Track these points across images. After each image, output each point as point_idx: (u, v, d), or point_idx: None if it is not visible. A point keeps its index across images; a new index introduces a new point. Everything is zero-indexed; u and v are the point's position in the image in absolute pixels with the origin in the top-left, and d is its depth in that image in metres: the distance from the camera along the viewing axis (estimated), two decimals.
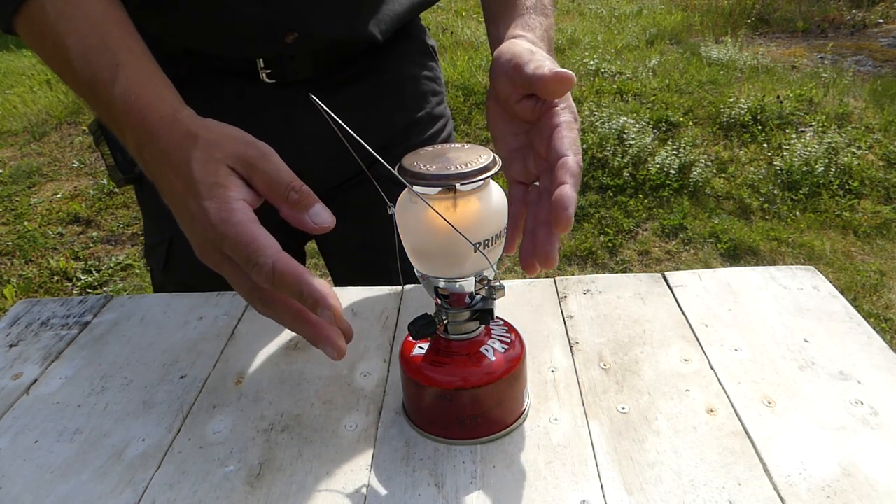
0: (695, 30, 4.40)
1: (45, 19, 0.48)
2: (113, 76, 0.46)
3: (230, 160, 0.44)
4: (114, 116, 0.47)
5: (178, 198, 0.44)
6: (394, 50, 0.73)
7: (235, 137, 0.45)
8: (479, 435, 0.49)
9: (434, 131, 0.78)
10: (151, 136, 0.45)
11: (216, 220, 0.42)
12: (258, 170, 0.44)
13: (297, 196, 0.44)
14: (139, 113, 0.45)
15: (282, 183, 0.44)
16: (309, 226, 0.44)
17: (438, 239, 0.43)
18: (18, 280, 2.35)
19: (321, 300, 0.41)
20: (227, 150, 0.44)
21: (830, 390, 0.52)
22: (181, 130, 0.45)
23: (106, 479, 0.48)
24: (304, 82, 0.67)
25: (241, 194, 0.43)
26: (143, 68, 0.48)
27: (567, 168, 0.44)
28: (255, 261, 0.41)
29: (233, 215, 0.42)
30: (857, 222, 2.46)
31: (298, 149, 0.70)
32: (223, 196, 0.42)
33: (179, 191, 0.44)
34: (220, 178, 0.43)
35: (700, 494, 0.44)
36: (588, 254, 2.35)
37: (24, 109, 3.61)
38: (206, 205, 0.42)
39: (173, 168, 0.44)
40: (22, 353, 0.62)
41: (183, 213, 0.44)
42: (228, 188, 0.43)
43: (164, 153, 0.44)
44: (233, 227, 0.41)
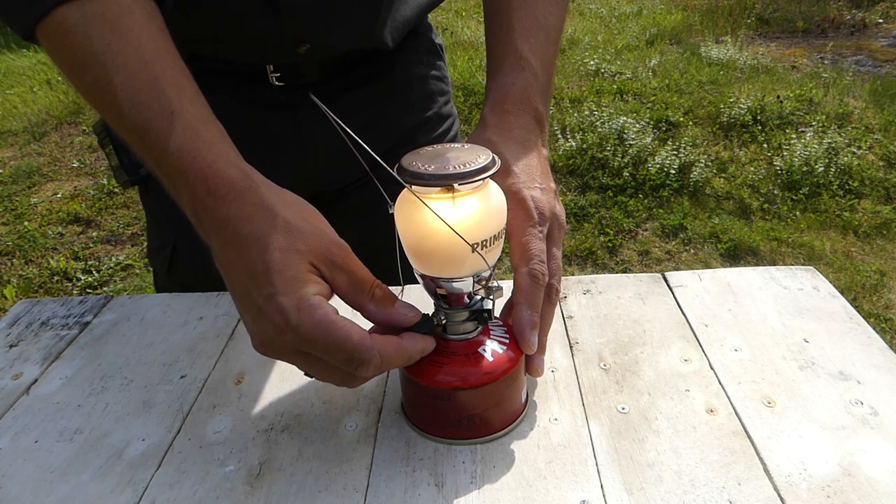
0: (695, 30, 4.40)
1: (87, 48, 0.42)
2: (168, 126, 0.41)
3: (314, 257, 0.40)
4: (166, 171, 0.42)
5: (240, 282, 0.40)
6: (402, 50, 0.72)
7: (320, 231, 0.42)
8: (477, 435, 0.49)
9: (442, 131, 0.78)
10: (215, 199, 0.40)
11: (297, 322, 0.38)
12: (342, 269, 0.41)
13: (381, 293, 0.43)
14: (201, 172, 0.41)
15: (367, 281, 0.42)
16: (398, 320, 0.44)
17: (437, 239, 0.43)
18: (18, 280, 2.35)
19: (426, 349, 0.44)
20: (312, 245, 0.41)
21: (830, 390, 0.52)
22: (255, 200, 0.41)
23: (106, 479, 0.48)
24: (313, 85, 0.67)
25: (319, 289, 0.40)
26: (200, 116, 0.43)
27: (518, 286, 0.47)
28: (360, 358, 0.39)
29: (314, 314, 0.38)
30: (857, 222, 2.46)
31: (306, 151, 0.70)
32: (301, 293, 0.39)
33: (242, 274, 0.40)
34: (300, 272, 0.39)
35: (700, 494, 0.44)
36: (588, 254, 2.35)
37: (24, 109, 3.61)
38: (282, 301, 0.38)
39: (240, 245, 0.40)
40: (22, 353, 0.62)
41: (245, 301, 0.40)
42: (307, 283, 0.39)
43: (230, 223, 0.40)
44: (319, 329, 0.38)
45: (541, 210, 0.49)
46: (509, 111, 0.54)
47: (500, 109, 0.54)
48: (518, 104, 0.54)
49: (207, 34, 0.62)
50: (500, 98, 0.55)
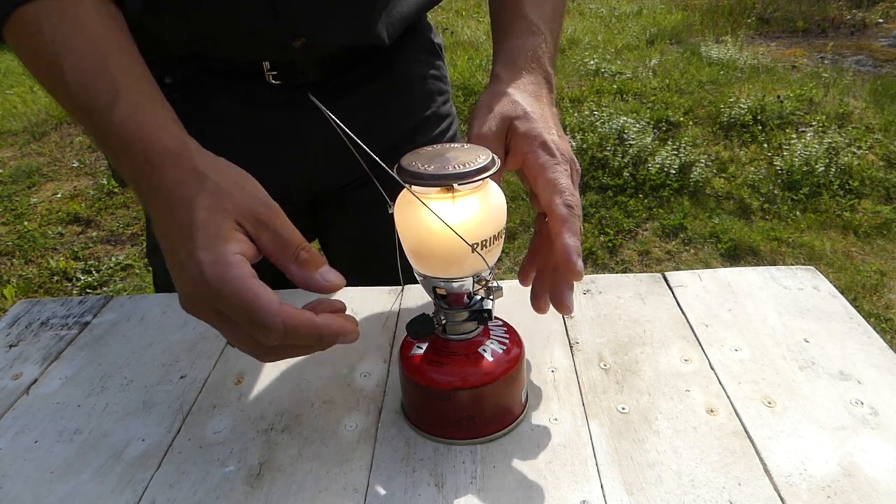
0: (695, 30, 4.40)
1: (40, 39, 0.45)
2: (112, 102, 0.43)
3: (239, 215, 0.41)
4: (111, 146, 0.44)
5: (169, 240, 0.41)
6: (401, 49, 0.72)
7: (248, 191, 0.43)
8: (476, 435, 0.49)
9: (441, 130, 0.78)
10: (152, 167, 0.42)
11: (210, 276, 0.38)
12: (268, 228, 0.42)
13: (307, 255, 0.42)
14: (139, 143, 0.42)
15: (292, 242, 0.42)
16: (319, 285, 0.42)
17: (436, 239, 0.43)
18: (18, 280, 2.35)
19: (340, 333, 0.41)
20: (237, 203, 0.41)
21: (830, 390, 0.52)
22: (187, 166, 0.42)
23: (106, 479, 0.48)
24: (310, 84, 0.67)
25: (240, 248, 0.40)
26: (144, 93, 0.45)
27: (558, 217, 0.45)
28: (263, 321, 0.38)
29: (229, 270, 0.39)
30: (857, 222, 2.46)
31: (304, 150, 0.70)
32: (220, 250, 0.39)
33: (171, 233, 0.41)
34: (222, 229, 0.40)
35: (700, 494, 0.44)
36: (588, 254, 2.35)
37: (24, 109, 3.61)
38: (201, 256, 0.39)
39: (170, 207, 0.41)
40: (22, 353, 0.62)
41: (172, 257, 0.41)
42: (228, 241, 0.40)
43: (163, 189, 0.41)
44: (229, 285, 0.38)
45: (562, 152, 0.49)
46: (521, 68, 0.54)
47: (512, 67, 0.54)
48: (529, 63, 0.55)
49: (204, 30, 0.62)
50: (511, 57, 0.55)
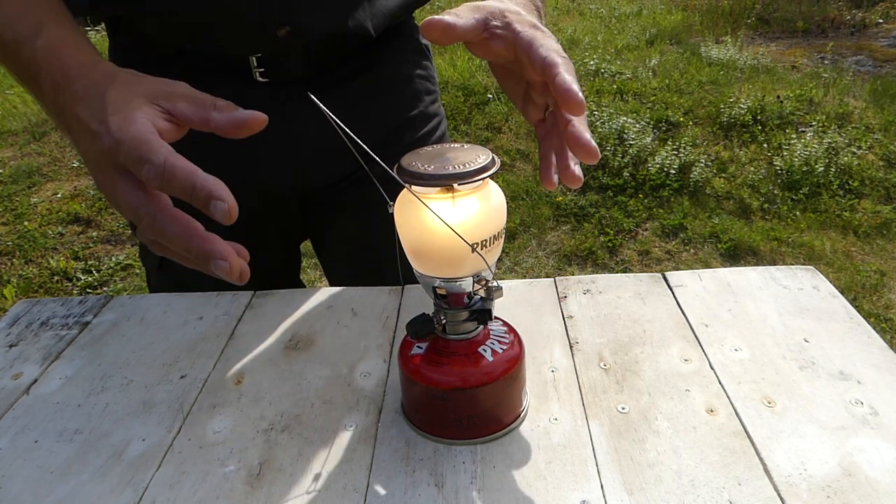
0: (695, 30, 4.40)
1: None
2: (36, 32, 0.47)
3: (149, 95, 0.43)
4: (33, 71, 0.47)
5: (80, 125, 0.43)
6: (388, 49, 0.73)
7: (155, 79, 0.45)
8: (477, 435, 0.49)
9: (428, 130, 0.78)
10: (69, 79, 0.45)
11: (115, 129, 0.41)
12: (180, 95, 0.43)
13: (224, 103, 0.43)
14: (58, 60, 0.45)
15: (206, 98, 0.44)
16: (243, 119, 0.43)
17: (436, 239, 0.43)
18: (18, 280, 2.35)
19: (213, 192, 0.39)
20: (146, 86, 0.44)
21: (830, 390, 0.52)
22: (100, 71, 0.45)
23: (106, 479, 0.48)
24: (297, 82, 0.67)
25: (149, 117, 0.42)
26: (67, 27, 0.49)
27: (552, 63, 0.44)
28: (147, 157, 0.39)
29: (132, 125, 0.41)
30: (857, 222, 2.46)
31: (294, 148, 0.70)
32: (128, 113, 0.41)
33: (84, 117, 0.43)
34: (132, 102, 0.42)
35: (700, 494, 0.44)
36: (588, 254, 2.35)
37: (24, 109, 3.61)
38: (109, 119, 0.41)
39: (84, 100, 0.43)
40: (22, 353, 0.62)
41: (83, 136, 0.43)
42: (136, 109, 0.42)
43: (78, 92, 0.44)
44: (129, 133, 0.40)
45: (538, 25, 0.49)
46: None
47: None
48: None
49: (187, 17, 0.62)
50: None
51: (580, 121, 0.44)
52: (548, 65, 0.44)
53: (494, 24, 0.48)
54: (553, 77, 0.43)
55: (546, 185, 0.48)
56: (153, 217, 0.41)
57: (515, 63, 0.49)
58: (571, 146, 0.43)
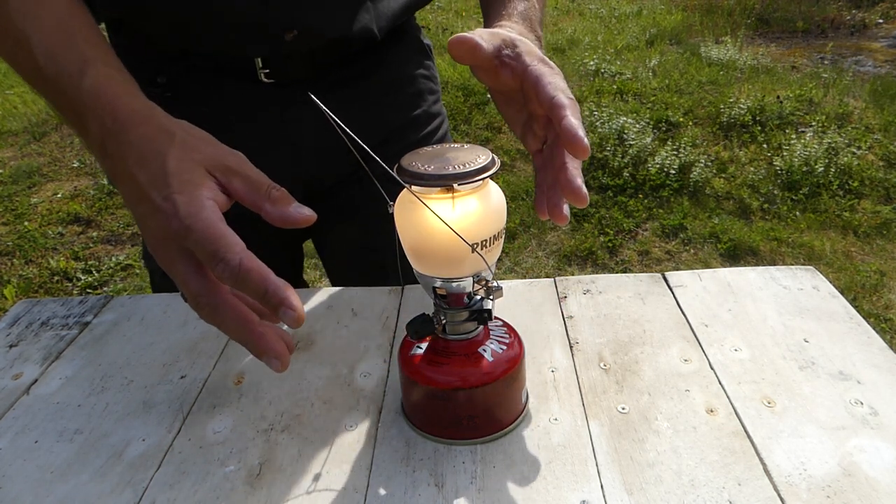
0: (695, 30, 4.40)
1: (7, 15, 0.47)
2: (81, 70, 0.45)
3: (208, 163, 0.43)
4: (79, 110, 0.46)
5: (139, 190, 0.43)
6: (390, 49, 0.73)
7: (214, 143, 0.45)
8: (477, 435, 0.49)
9: (430, 130, 0.78)
10: (121, 126, 0.44)
11: (184, 213, 0.40)
12: (238, 173, 0.43)
13: (279, 193, 0.43)
14: (109, 104, 0.44)
15: (263, 182, 0.44)
16: (294, 218, 0.43)
17: (436, 239, 0.43)
18: (18, 280, 2.35)
19: (285, 300, 0.40)
20: (205, 154, 0.43)
21: (830, 390, 0.52)
22: (156, 125, 0.44)
23: (106, 479, 0.48)
24: (302, 82, 0.68)
25: (213, 195, 0.42)
26: (113, 65, 0.48)
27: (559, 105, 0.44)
28: (223, 255, 0.40)
29: (202, 210, 0.41)
30: (857, 222, 2.46)
31: (296, 148, 0.70)
32: (194, 193, 0.41)
33: (143, 182, 0.42)
34: (195, 176, 0.42)
35: (700, 494, 0.44)
36: (588, 254, 2.35)
37: (24, 109, 3.61)
38: (176, 198, 0.41)
39: (141, 160, 0.43)
40: (22, 353, 0.62)
41: (143, 205, 0.43)
42: (201, 186, 0.42)
43: (133, 145, 0.43)
44: (201, 222, 0.40)
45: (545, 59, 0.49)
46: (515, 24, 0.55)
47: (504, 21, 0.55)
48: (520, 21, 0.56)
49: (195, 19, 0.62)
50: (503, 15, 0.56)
51: (575, 164, 0.45)
52: (556, 105, 0.44)
53: (506, 53, 0.48)
54: (560, 119, 0.43)
55: (540, 214, 0.48)
56: (214, 308, 0.42)
57: (518, 93, 0.50)
58: (562, 188, 0.45)
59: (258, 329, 0.42)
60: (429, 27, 4.38)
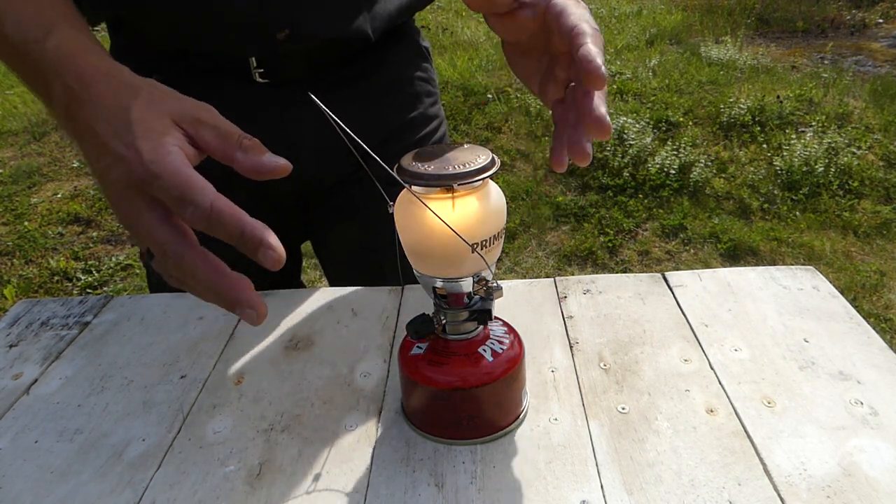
0: (695, 30, 4.40)
1: None
2: (46, 33, 0.44)
3: (175, 115, 0.41)
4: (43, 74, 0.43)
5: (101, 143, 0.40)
6: (388, 51, 0.73)
7: (181, 97, 0.42)
8: (477, 435, 0.49)
9: (428, 131, 0.78)
10: (84, 84, 0.42)
11: (148, 159, 0.38)
12: (206, 124, 0.41)
13: (250, 142, 0.41)
14: (73, 65, 0.42)
15: (233, 132, 0.42)
16: (267, 167, 0.41)
17: (436, 239, 0.43)
18: (18, 280, 2.35)
19: (264, 240, 0.37)
20: (172, 106, 0.41)
21: (830, 390, 0.52)
22: (121, 81, 0.42)
23: (106, 479, 0.48)
24: (300, 82, 0.68)
25: (179, 143, 0.40)
26: (80, 29, 0.46)
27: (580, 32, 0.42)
28: (192, 197, 0.37)
29: (168, 156, 0.38)
30: (857, 222, 2.46)
31: (294, 148, 0.70)
32: (159, 140, 0.39)
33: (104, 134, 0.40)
34: (160, 125, 0.40)
35: (700, 494, 0.44)
36: (588, 254, 2.35)
37: (24, 109, 3.61)
38: (140, 144, 0.38)
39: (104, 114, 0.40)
40: (22, 353, 0.62)
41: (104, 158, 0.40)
42: (166, 135, 0.39)
43: (97, 100, 0.41)
44: (168, 166, 0.38)
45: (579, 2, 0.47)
46: None
47: None
48: None
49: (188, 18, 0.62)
50: None
51: (599, 95, 0.42)
52: (576, 34, 0.42)
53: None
54: (578, 47, 0.41)
55: (555, 166, 0.46)
56: (181, 256, 0.39)
57: (538, 37, 0.48)
58: (584, 117, 0.42)
59: (231, 276, 0.39)
60: (429, 27, 4.37)
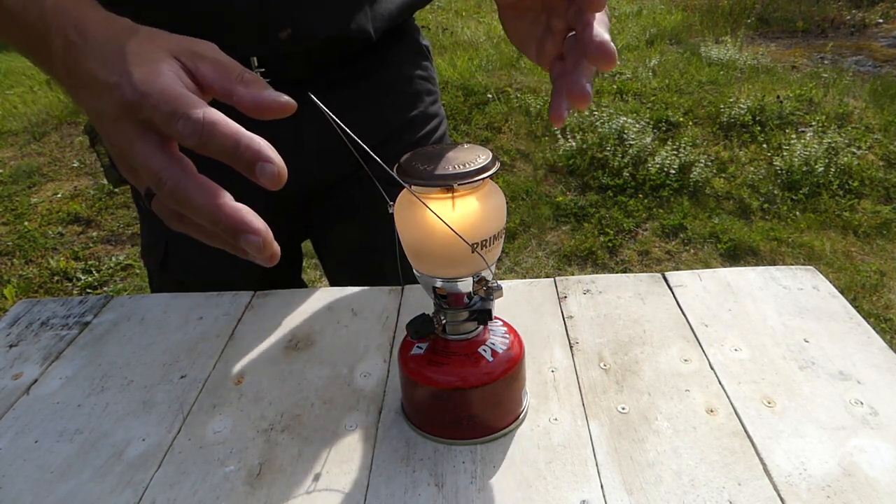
0: (695, 30, 4.40)
1: None
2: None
3: (174, 49, 0.39)
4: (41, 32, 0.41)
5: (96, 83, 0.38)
6: (388, 50, 0.73)
7: (182, 36, 0.41)
8: (477, 435, 0.49)
9: (428, 130, 0.78)
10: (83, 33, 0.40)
11: (139, 80, 0.36)
12: (207, 57, 0.39)
13: (251, 76, 0.40)
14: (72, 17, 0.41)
15: (234, 66, 0.40)
16: (269, 103, 0.39)
17: (436, 239, 0.43)
18: (18, 280, 2.35)
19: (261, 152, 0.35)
20: (171, 41, 0.39)
21: (830, 390, 0.52)
22: (120, 25, 0.40)
23: (106, 479, 0.48)
24: (300, 82, 0.68)
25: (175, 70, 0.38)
26: None
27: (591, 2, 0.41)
28: (184, 111, 0.35)
29: (160, 77, 0.36)
30: (857, 222, 2.46)
31: (294, 148, 0.70)
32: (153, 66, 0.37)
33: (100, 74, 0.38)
34: (156, 55, 0.38)
35: (700, 494, 0.44)
36: (588, 254, 2.35)
37: (24, 109, 3.61)
38: (132, 70, 0.37)
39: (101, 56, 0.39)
40: (22, 353, 0.62)
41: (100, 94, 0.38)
42: (161, 63, 0.38)
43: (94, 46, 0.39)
44: (158, 85, 0.36)
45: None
46: None
47: None
48: None
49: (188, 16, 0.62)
50: None
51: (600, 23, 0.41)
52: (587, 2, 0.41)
53: None
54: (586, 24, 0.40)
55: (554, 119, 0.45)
56: (177, 182, 0.36)
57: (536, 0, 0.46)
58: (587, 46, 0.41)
59: (231, 202, 0.37)
60: (429, 27, 4.37)
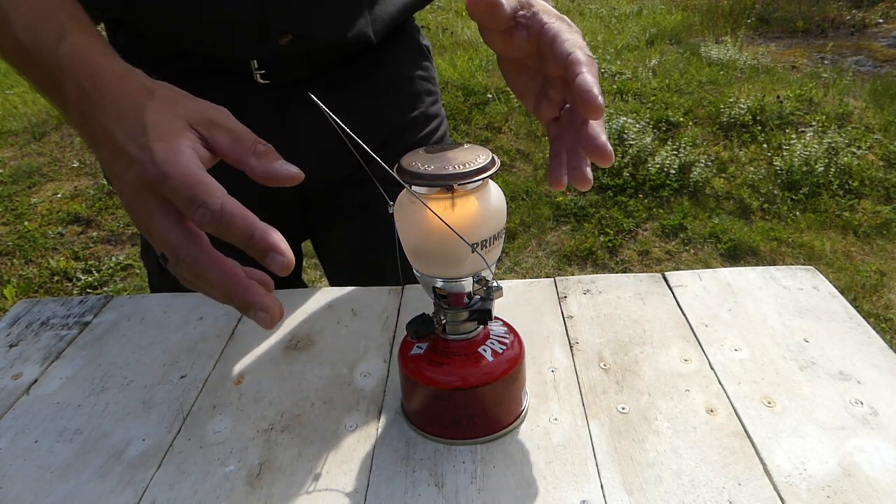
0: (695, 30, 4.40)
1: None
2: (60, 36, 0.44)
3: (190, 117, 0.41)
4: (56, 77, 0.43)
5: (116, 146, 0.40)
6: (388, 50, 0.73)
7: (196, 99, 0.43)
8: (477, 435, 0.49)
9: (428, 131, 0.78)
10: (98, 86, 0.42)
11: (161, 160, 0.38)
12: (221, 127, 0.42)
13: (265, 148, 0.42)
14: (87, 67, 0.42)
15: (248, 137, 0.42)
16: (279, 174, 0.41)
17: (436, 239, 0.43)
18: (18, 280, 2.35)
19: (273, 245, 0.37)
20: (188, 108, 0.42)
21: (830, 390, 0.52)
22: (136, 83, 0.42)
23: (106, 479, 0.48)
24: (298, 83, 0.68)
25: (193, 145, 0.40)
26: (92, 33, 0.46)
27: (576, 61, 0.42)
28: (203, 199, 0.37)
29: (180, 157, 0.38)
30: (857, 222, 2.46)
31: (294, 149, 0.70)
32: (173, 141, 0.39)
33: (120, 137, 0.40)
34: (175, 127, 0.40)
35: (700, 494, 0.44)
36: (588, 254, 2.35)
37: (24, 109, 3.61)
38: (153, 146, 0.39)
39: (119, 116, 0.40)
40: (22, 353, 0.62)
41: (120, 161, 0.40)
42: (181, 136, 0.40)
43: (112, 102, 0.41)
44: (179, 167, 0.38)
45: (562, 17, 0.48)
46: None
47: None
48: None
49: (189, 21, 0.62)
50: None
51: (597, 122, 0.43)
52: (571, 62, 0.43)
53: (521, 14, 0.46)
54: (574, 76, 0.42)
55: (555, 185, 0.47)
56: (194, 259, 0.39)
57: (533, 58, 0.48)
58: (586, 146, 0.43)
59: (244, 281, 0.39)
60: (429, 27, 4.37)
